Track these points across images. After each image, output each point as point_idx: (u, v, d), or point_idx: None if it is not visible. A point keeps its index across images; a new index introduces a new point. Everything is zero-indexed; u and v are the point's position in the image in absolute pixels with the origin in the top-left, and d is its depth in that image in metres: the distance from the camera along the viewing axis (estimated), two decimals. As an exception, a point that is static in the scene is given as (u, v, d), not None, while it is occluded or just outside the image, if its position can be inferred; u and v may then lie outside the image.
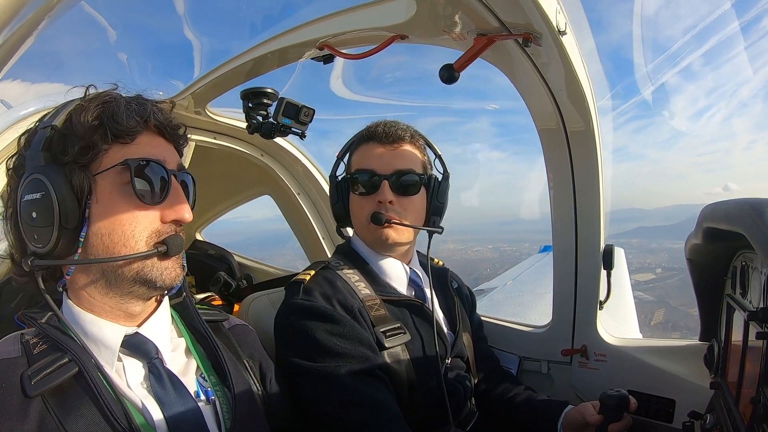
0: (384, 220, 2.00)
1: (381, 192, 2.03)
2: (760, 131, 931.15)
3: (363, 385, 1.76)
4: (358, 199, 2.09)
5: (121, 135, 1.28)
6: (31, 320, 1.29)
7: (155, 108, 1.37)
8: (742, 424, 1.42)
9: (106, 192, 1.27)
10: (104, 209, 1.27)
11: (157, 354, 1.35)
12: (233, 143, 3.25)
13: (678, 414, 2.13)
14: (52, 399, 1.17)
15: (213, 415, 1.37)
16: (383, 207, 2.03)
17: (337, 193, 2.18)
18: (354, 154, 2.17)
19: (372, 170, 2.05)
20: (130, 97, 1.36)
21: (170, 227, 1.33)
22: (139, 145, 1.32)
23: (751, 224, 1.28)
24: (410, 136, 2.13)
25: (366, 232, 2.11)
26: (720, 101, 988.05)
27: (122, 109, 1.29)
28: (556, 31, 1.68)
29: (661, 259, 77.39)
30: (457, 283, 2.47)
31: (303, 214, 3.73)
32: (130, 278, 1.28)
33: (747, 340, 1.51)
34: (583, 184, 2.27)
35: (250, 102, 2.47)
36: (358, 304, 1.91)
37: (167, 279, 1.32)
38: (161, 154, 1.35)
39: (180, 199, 1.36)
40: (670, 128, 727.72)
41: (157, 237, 1.30)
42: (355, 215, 2.14)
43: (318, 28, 2.06)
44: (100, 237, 1.26)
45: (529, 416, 2.13)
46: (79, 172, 1.25)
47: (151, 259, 1.29)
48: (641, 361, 2.31)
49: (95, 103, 1.30)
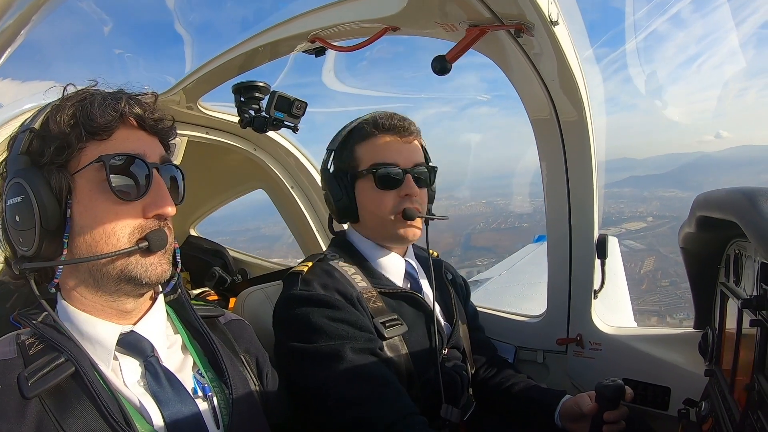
0: (416, 214, 2.00)
1: (408, 186, 2.01)
2: (751, 78, 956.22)
3: (366, 362, 1.76)
4: (378, 193, 2.02)
5: (96, 131, 1.26)
6: (27, 321, 1.28)
7: (132, 101, 1.33)
8: (737, 411, 1.43)
9: (85, 191, 1.26)
10: (85, 208, 1.25)
11: (153, 352, 1.34)
12: (226, 138, 3.24)
13: (673, 401, 2.15)
14: (50, 399, 1.16)
15: (211, 412, 1.36)
16: (409, 201, 2.02)
17: (339, 187, 2.08)
18: (362, 146, 2.07)
19: (396, 164, 2.02)
20: (108, 93, 1.34)
21: (153, 222, 1.30)
22: (116, 141, 1.29)
23: (743, 212, 1.29)
24: (417, 129, 2.12)
25: (387, 226, 2.05)
26: (711, 48, 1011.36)
27: (97, 105, 1.27)
28: (548, 21, 1.67)
29: (653, 207, 77.50)
30: (452, 274, 2.47)
31: (297, 207, 3.73)
32: (115, 276, 1.27)
33: (741, 327, 1.52)
34: (577, 174, 2.27)
35: (242, 96, 2.45)
36: (357, 293, 1.91)
37: (153, 275, 1.30)
38: (140, 148, 1.31)
39: (162, 192, 1.32)
40: (661, 77, 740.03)
41: (140, 233, 1.28)
42: (370, 210, 2.06)
43: (309, 21, 2.05)
44: (83, 236, 1.25)
45: (527, 406, 2.14)
46: (57, 173, 1.24)
47: (134, 256, 1.27)
48: (636, 349, 2.33)
49: (71, 101, 1.28)
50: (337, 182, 2.09)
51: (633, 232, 64.41)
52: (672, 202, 33.76)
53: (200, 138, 3.06)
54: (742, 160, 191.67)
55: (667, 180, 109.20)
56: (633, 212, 71.31)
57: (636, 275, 44.97)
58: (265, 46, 2.19)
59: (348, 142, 2.11)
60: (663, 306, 38.05)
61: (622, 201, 78.15)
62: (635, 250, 53.22)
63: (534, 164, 2.42)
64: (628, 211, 70.64)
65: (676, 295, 7.98)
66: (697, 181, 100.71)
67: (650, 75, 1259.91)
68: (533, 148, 2.38)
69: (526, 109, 2.24)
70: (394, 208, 2.01)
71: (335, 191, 2.09)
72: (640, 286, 42.59)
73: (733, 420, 1.45)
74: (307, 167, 3.56)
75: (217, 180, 4.10)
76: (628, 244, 54.21)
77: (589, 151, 2.20)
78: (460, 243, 58.19)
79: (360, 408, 1.70)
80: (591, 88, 2.08)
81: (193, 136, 2.99)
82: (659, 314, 37.30)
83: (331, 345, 1.75)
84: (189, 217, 4.44)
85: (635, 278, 43.86)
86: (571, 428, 1.99)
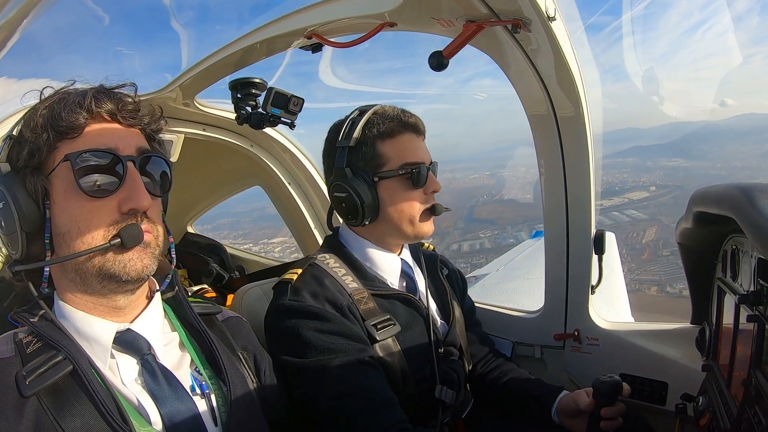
0: (443, 210, 2.07)
1: (434, 183, 2.06)
2: (756, 45, 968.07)
3: (354, 375, 1.76)
4: (409, 192, 2.01)
5: (65, 131, 1.25)
6: (24, 319, 1.28)
7: (101, 95, 1.31)
8: (734, 406, 1.44)
9: (60, 191, 1.25)
10: (61, 209, 1.25)
11: (150, 350, 1.34)
12: (223, 134, 3.23)
13: (670, 396, 2.16)
14: (48, 398, 1.16)
15: (209, 409, 1.37)
16: (432, 198, 2.08)
17: (364, 186, 1.98)
18: (387, 144, 2.01)
19: (423, 163, 2.03)
20: (82, 90, 1.32)
21: (128, 217, 1.27)
22: (86, 137, 1.27)
23: (740, 208, 1.29)
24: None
25: (413, 224, 2.03)
26: (716, 15, 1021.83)
27: (64, 105, 1.26)
28: (545, 17, 1.67)
29: (656, 177, 77.17)
30: (447, 269, 2.46)
31: (294, 204, 3.72)
32: (95, 274, 1.26)
33: (738, 323, 1.52)
34: (574, 170, 2.27)
35: (238, 93, 2.44)
36: (347, 300, 1.90)
37: (132, 271, 1.27)
38: (112, 142, 1.28)
39: (135, 186, 1.28)
40: (665, 44, 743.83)
41: (115, 229, 1.25)
42: (400, 209, 2.01)
43: (306, 17, 2.04)
44: (62, 236, 1.25)
45: (524, 402, 2.15)
46: (31, 176, 1.24)
47: (109, 253, 1.25)
48: (633, 344, 2.33)
49: (44, 104, 1.28)
50: (360, 182, 1.99)
51: (635, 202, 63.96)
52: (675, 172, 33.56)
53: (197, 135, 3.05)
54: (747, 129, 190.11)
55: (671, 149, 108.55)
56: (636, 182, 70.96)
57: (638, 245, 44.93)
58: (261, 42, 2.18)
59: (366, 139, 2.02)
60: (663, 275, 38.01)
61: (626, 171, 77.77)
62: (637, 220, 53.03)
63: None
64: (631, 180, 70.29)
65: (677, 264, 8.18)
66: (701, 150, 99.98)
67: (653, 42, 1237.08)
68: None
69: (523, 105, 2.23)
70: (423, 205, 2.03)
71: (361, 192, 1.97)
72: (641, 256, 42.56)
73: (730, 415, 1.45)
74: (304, 164, 3.56)
75: (214, 177, 4.10)
76: (631, 214, 54.06)
77: (587, 147, 2.20)
78: (463, 216, 58.03)
79: (346, 423, 1.71)
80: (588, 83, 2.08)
81: (189, 133, 2.98)
82: (659, 284, 37.27)
83: (319, 360, 1.76)
84: (186, 215, 4.44)
85: (636, 248, 43.83)
86: (568, 424, 1.99)
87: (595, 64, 2.35)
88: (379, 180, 2.00)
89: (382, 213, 2.02)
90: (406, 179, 2.00)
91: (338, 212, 2.11)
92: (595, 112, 2.18)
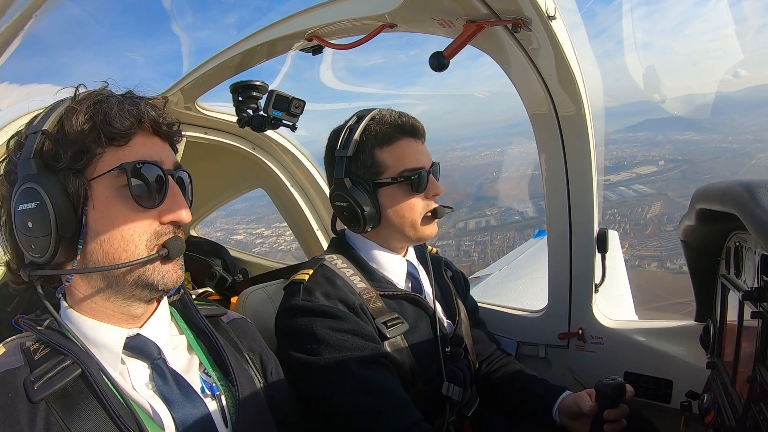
0: (446, 211, 2.07)
1: (435, 186, 2.05)
2: None
3: (370, 372, 1.76)
4: (411, 198, 2.02)
5: (116, 137, 1.24)
6: (31, 327, 1.27)
7: (148, 106, 1.32)
8: (739, 403, 1.44)
9: (102, 197, 1.24)
10: (101, 215, 1.24)
11: (160, 354, 1.34)
12: (224, 138, 3.24)
13: (675, 394, 2.16)
14: (56, 403, 1.16)
15: (219, 411, 1.37)
16: (434, 201, 2.07)
17: (365, 196, 1.99)
18: (385, 152, 2.00)
19: (423, 167, 2.02)
20: (121, 96, 1.32)
21: (169, 228, 1.30)
22: (134, 147, 1.27)
23: (743, 205, 1.29)
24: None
25: (415, 229, 2.05)
26: None
27: (115, 109, 1.24)
28: (545, 16, 1.67)
29: (666, 150, 75.91)
30: (451, 270, 2.47)
31: (297, 206, 3.73)
32: (131, 283, 1.26)
33: (742, 319, 1.52)
34: (576, 168, 2.27)
35: (239, 95, 2.44)
36: (359, 300, 1.90)
37: (169, 282, 1.30)
38: (157, 155, 1.31)
39: (178, 199, 1.32)
40: (678, 13, 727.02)
41: (156, 239, 1.27)
42: (401, 214, 2.02)
43: (306, 19, 2.04)
44: (99, 243, 1.24)
45: (527, 401, 2.15)
46: (74, 179, 1.21)
47: (153, 264, 1.27)
48: (638, 342, 2.33)
49: (86, 104, 1.25)
50: (360, 191, 2.00)
51: (643, 176, 63.25)
52: (686, 146, 32.60)
53: (199, 138, 3.06)
54: (760, 100, 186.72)
55: (683, 122, 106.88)
56: (646, 156, 70.03)
57: (642, 220, 44.51)
58: (262, 45, 2.19)
59: (364, 147, 2.02)
60: (664, 251, 37.67)
61: (636, 145, 76.79)
62: (643, 195, 52.45)
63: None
64: (640, 154, 69.33)
65: (679, 240, 7.91)
66: (713, 122, 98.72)
67: (665, 12, 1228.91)
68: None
69: (524, 104, 2.23)
70: (423, 209, 2.03)
71: (362, 201, 1.98)
72: (644, 231, 42.16)
73: (736, 412, 1.45)
74: (306, 166, 3.56)
75: (216, 180, 4.10)
76: (637, 189, 53.51)
77: (588, 145, 2.20)
78: (471, 194, 57.51)
79: (364, 421, 1.71)
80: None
81: (191, 136, 2.99)
82: (660, 260, 36.97)
83: (335, 357, 1.75)
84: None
85: (640, 223, 43.40)
86: (570, 425, 1.99)
87: (608, 33, 2.32)
88: (379, 187, 2.01)
89: (384, 219, 2.03)
90: (406, 185, 2.00)
91: (341, 220, 2.12)
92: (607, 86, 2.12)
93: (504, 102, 14.13)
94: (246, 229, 36.95)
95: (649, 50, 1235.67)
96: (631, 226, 43.37)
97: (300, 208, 3.73)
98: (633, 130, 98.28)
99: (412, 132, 2.04)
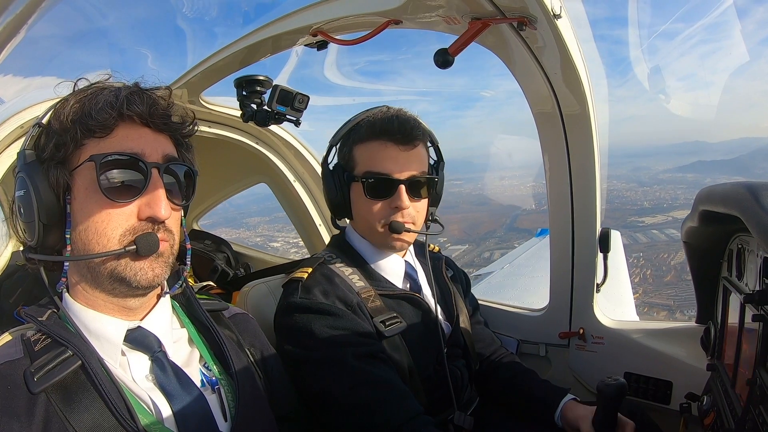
0: (403, 229, 1.95)
1: (399, 198, 1.95)
2: None
3: (369, 366, 1.77)
4: (369, 201, 1.98)
5: (95, 129, 1.24)
6: (32, 318, 1.27)
7: (134, 97, 1.29)
8: (739, 405, 1.44)
9: (81, 188, 1.25)
10: (80, 206, 1.25)
11: (161, 347, 1.34)
12: (228, 132, 3.24)
13: (675, 396, 2.16)
14: (56, 395, 1.16)
15: (218, 404, 1.37)
16: (400, 214, 1.97)
17: (334, 183, 2.04)
18: (359, 148, 2.02)
19: (388, 175, 1.95)
20: (116, 88, 1.30)
21: (146, 224, 1.27)
22: (114, 139, 1.26)
23: (746, 207, 1.29)
24: (421, 135, 2.02)
25: (376, 234, 2.03)
26: None
27: (99, 101, 1.25)
28: (551, 14, 1.66)
29: None
30: (452, 270, 2.46)
31: (299, 201, 3.73)
32: (107, 276, 1.25)
33: (743, 322, 1.52)
34: (579, 168, 2.27)
35: (244, 90, 2.44)
36: (357, 298, 1.91)
37: (142, 280, 1.26)
38: (139, 147, 1.27)
39: (156, 195, 1.27)
40: (742, 53, 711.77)
41: (131, 235, 1.24)
42: (363, 216, 2.03)
43: (311, 15, 2.04)
44: (79, 234, 1.25)
45: (529, 403, 2.14)
46: (56, 169, 1.24)
47: (124, 259, 1.25)
48: (638, 343, 2.33)
49: (78, 97, 1.27)
50: (333, 179, 2.05)
51: (679, 220, 63.33)
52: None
53: (203, 132, 3.06)
54: None
55: (734, 166, 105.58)
56: (688, 199, 69.55)
57: (664, 266, 44.13)
58: (267, 40, 2.18)
59: (348, 140, 2.06)
60: (676, 302, 36.81)
61: (681, 187, 76.19)
62: (674, 240, 51.95)
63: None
64: (683, 197, 68.91)
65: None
66: (764, 168, 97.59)
67: (729, 48, 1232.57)
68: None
69: (528, 103, 2.23)
70: (383, 218, 1.98)
71: (330, 188, 2.06)
72: (663, 278, 41.75)
73: (735, 414, 1.45)
74: (310, 161, 3.56)
75: (219, 174, 4.10)
76: (669, 233, 53.11)
77: (592, 145, 2.20)
78: (504, 225, 56.67)
79: (365, 413, 1.71)
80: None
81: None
82: (670, 309, 36.48)
83: (334, 352, 1.76)
84: (191, 212, 4.43)
85: (662, 269, 43.05)
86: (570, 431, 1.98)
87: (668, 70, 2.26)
88: (351, 181, 2.03)
89: (354, 214, 2.08)
90: (365, 189, 1.98)
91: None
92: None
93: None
94: (285, 237, 37.12)
95: (708, 89, 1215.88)
96: (651, 272, 42.89)
97: (302, 203, 3.74)
98: (682, 170, 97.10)
99: (391, 135, 1.96)
